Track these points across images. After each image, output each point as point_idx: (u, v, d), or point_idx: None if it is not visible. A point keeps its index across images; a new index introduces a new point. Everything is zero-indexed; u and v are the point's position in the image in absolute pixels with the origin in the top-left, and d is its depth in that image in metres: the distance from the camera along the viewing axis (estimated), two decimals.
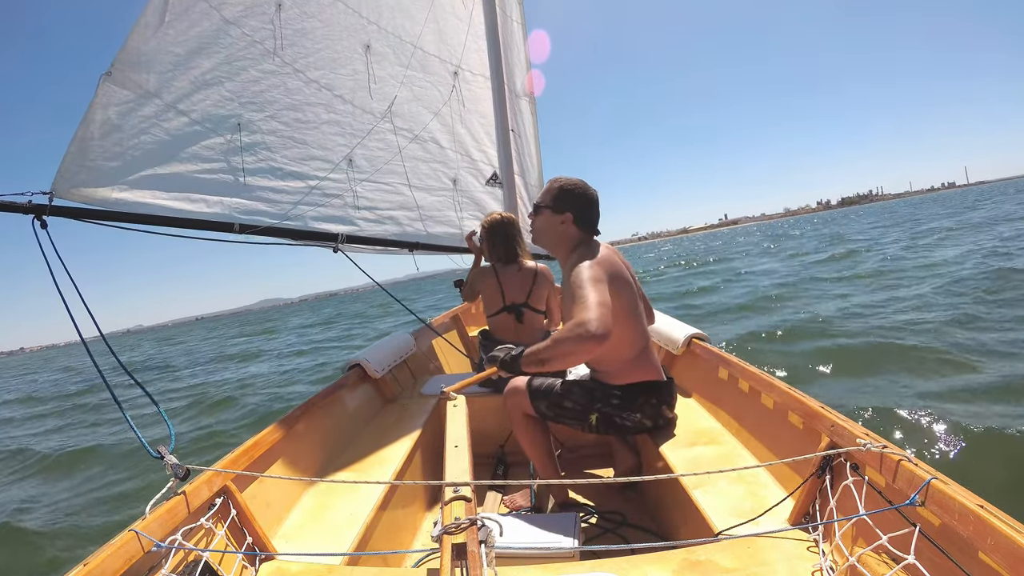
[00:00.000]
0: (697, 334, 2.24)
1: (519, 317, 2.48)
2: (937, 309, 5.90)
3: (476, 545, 0.77)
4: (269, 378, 8.98)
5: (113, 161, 1.88)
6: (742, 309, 8.44)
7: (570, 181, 1.74)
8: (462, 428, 1.29)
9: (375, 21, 2.94)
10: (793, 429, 1.42)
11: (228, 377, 10.13)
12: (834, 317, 6.35)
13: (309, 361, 10.68)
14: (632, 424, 1.72)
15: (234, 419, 5.96)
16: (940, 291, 6.91)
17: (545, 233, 1.76)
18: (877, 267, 10.76)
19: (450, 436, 1.24)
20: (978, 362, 3.98)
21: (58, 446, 5.85)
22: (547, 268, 2.61)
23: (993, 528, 0.77)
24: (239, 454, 1.36)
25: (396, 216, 3.06)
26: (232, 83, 2.25)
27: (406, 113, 3.15)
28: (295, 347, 14.54)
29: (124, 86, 1.91)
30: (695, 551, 1.10)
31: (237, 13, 2.25)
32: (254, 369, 10.81)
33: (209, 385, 9.18)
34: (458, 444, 1.18)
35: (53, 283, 1.47)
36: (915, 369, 4.10)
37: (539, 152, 4.36)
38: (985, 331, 4.80)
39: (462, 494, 0.92)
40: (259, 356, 13.58)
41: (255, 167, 2.34)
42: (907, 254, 12.21)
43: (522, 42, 4.16)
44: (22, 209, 1.60)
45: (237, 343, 20.80)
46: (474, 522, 0.82)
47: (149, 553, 0.96)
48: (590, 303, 1.40)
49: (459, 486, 0.95)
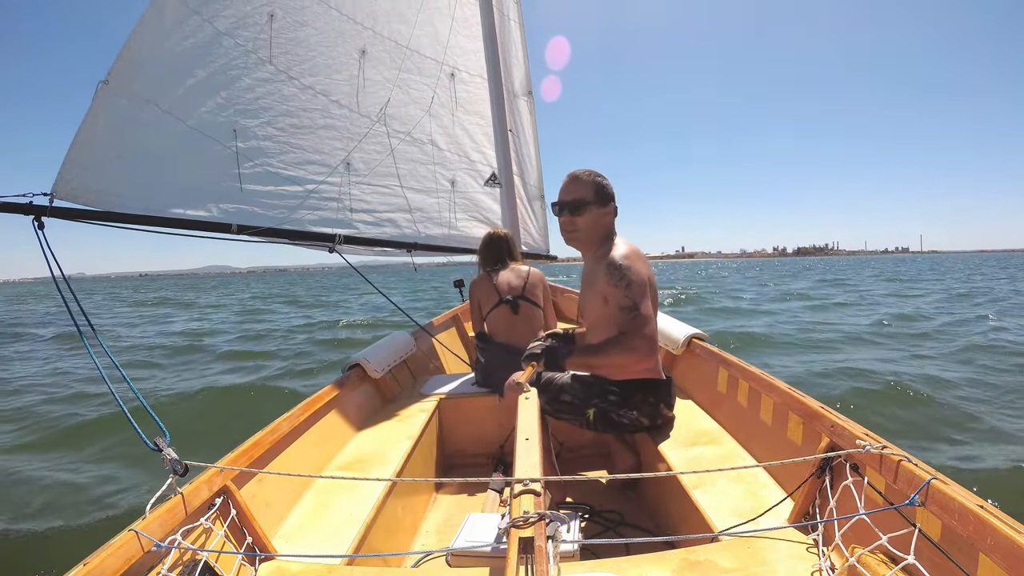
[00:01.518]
0: (697, 334, 2.23)
1: (515, 309, 2.49)
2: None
3: (543, 540, 0.77)
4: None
5: (111, 165, 1.92)
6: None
7: (594, 173, 1.70)
8: (533, 421, 1.26)
9: (370, 27, 2.96)
10: (793, 429, 1.42)
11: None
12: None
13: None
14: (629, 421, 1.72)
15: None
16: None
17: (591, 228, 1.69)
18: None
19: (521, 429, 1.21)
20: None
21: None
22: (539, 271, 2.65)
23: (993, 528, 0.76)
24: (239, 454, 1.36)
25: (394, 218, 3.07)
26: (227, 91, 2.29)
27: (403, 116, 3.16)
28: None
29: (121, 94, 1.95)
30: (695, 551, 1.10)
31: (229, 25, 2.31)
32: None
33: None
34: (529, 437, 1.15)
35: (53, 280, 1.51)
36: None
37: (538, 152, 4.37)
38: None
39: (532, 488, 0.90)
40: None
41: (252, 172, 2.37)
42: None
43: (520, 41, 4.16)
44: (24, 210, 1.64)
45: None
46: (543, 517, 0.81)
47: (149, 553, 0.96)
48: (651, 319, 1.47)
49: (529, 481, 0.93)
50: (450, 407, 2.37)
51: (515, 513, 0.83)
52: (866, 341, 7.81)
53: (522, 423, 1.25)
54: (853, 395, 4.72)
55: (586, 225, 1.68)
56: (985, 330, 8.39)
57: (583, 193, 1.66)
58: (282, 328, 11.64)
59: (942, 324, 9.34)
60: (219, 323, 13.69)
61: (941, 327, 8.97)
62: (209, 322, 14.11)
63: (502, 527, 0.85)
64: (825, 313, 11.71)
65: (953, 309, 11.80)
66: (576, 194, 1.67)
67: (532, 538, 0.77)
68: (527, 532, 0.78)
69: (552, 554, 0.77)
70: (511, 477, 0.97)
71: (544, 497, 0.90)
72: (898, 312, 11.18)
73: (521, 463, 1.03)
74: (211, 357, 8.18)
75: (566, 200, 1.69)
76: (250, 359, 7.83)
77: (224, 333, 11.19)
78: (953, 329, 8.68)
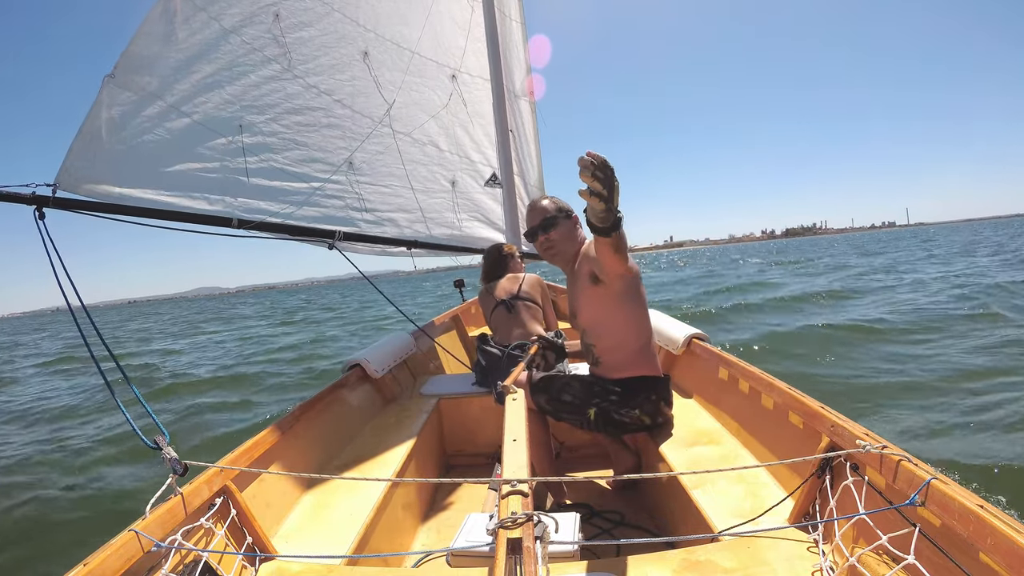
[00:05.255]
0: (697, 334, 2.24)
1: (510, 309, 2.57)
2: None
3: (532, 541, 0.77)
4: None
5: (115, 157, 1.92)
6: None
7: (550, 197, 1.93)
8: (521, 422, 1.27)
9: (372, 29, 2.98)
10: (793, 429, 1.42)
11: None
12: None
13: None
14: (630, 420, 1.72)
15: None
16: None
17: (565, 240, 1.85)
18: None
19: (508, 430, 1.22)
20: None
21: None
22: (536, 276, 2.76)
23: (993, 528, 0.77)
24: (239, 454, 1.36)
25: (395, 218, 3.08)
26: (233, 87, 2.30)
27: (404, 117, 3.18)
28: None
29: (127, 88, 1.96)
30: (695, 551, 1.10)
31: (236, 23, 2.32)
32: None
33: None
34: (516, 438, 1.16)
35: (54, 277, 1.47)
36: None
37: (539, 152, 4.37)
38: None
39: (520, 489, 0.91)
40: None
41: (257, 167, 2.38)
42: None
43: (521, 42, 4.16)
44: (26, 200, 1.63)
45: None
46: (531, 518, 0.81)
47: (149, 553, 0.96)
48: (638, 274, 1.60)
49: (517, 482, 0.93)
50: (450, 407, 2.37)
51: (503, 514, 0.84)
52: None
53: (509, 424, 1.26)
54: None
55: (560, 237, 1.84)
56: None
57: (546, 213, 1.85)
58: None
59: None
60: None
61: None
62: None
63: (490, 528, 0.85)
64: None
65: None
66: (541, 215, 1.86)
67: (520, 539, 0.77)
68: (515, 533, 0.79)
69: (541, 555, 0.77)
70: (500, 478, 0.97)
71: (532, 498, 0.90)
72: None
73: (509, 464, 1.04)
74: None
75: (535, 224, 1.87)
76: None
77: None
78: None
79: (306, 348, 10.56)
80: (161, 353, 12.28)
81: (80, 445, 4.72)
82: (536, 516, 0.82)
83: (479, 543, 1.28)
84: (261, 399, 6.18)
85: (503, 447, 1.13)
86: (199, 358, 10.64)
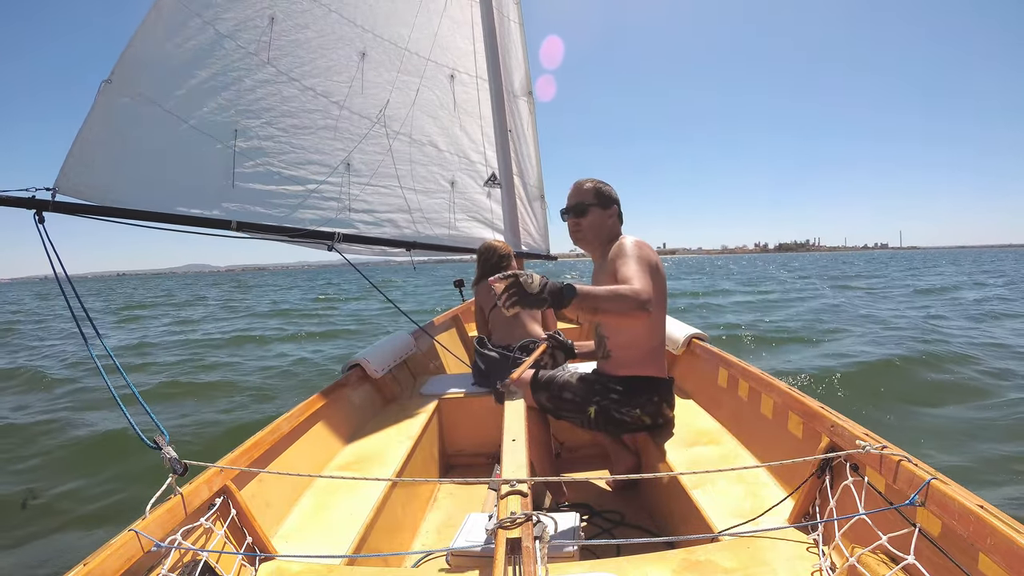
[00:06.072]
0: (697, 334, 2.23)
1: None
2: None
3: (531, 541, 0.77)
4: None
5: (113, 161, 1.93)
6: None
7: (596, 180, 1.83)
8: (520, 422, 1.26)
9: (370, 29, 2.98)
10: (793, 429, 1.42)
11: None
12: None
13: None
14: (631, 420, 1.72)
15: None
16: None
17: (594, 228, 1.80)
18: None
19: (508, 430, 1.22)
20: None
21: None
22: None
23: (993, 528, 0.76)
24: (239, 454, 1.36)
25: (394, 219, 3.09)
26: (228, 92, 2.31)
27: (403, 117, 3.18)
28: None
29: (124, 93, 1.97)
30: (695, 551, 1.10)
31: (231, 27, 2.33)
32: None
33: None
34: (516, 438, 1.16)
35: (55, 275, 1.51)
36: None
37: (538, 152, 4.36)
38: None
39: (519, 489, 0.91)
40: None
41: (253, 171, 2.39)
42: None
43: (520, 42, 4.16)
44: (27, 204, 1.64)
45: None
46: (530, 517, 0.81)
47: (149, 553, 0.95)
48: (643, 279, 1.48)
49: (516, 482, 0.93)
50: (450, 407, 2.37)
51: (503, 514, 0.84)
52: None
53: (508, 424, 1.26)
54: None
55: (589, 226, 1.80)
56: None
57: (584, 197, 1.80)
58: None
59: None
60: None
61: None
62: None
63: (489, 528, 0.85)
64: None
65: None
66: (578, 198, 1.81)
67: (519, 539, 0.77)
68: (514, 533, 0.79)
69: (540, 555, 0.77)
70: (499, 478, 0.97)
71: (531, 498, 0.90)
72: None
73: (508, 464, 1.04)
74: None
75: (570, 205, 1.83)
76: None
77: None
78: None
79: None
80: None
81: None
82: (535, 516, 0.83)
83: (479, 543, 1.28)
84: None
85: (503, 447, 1.13)
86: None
